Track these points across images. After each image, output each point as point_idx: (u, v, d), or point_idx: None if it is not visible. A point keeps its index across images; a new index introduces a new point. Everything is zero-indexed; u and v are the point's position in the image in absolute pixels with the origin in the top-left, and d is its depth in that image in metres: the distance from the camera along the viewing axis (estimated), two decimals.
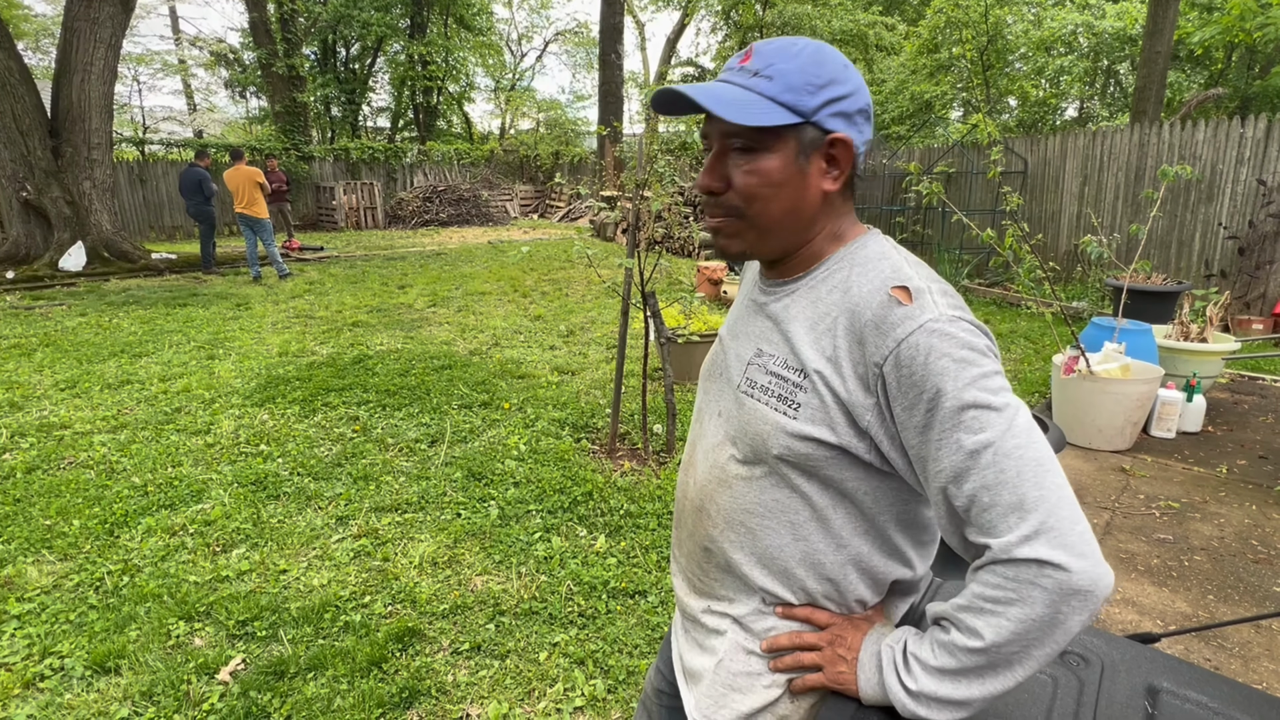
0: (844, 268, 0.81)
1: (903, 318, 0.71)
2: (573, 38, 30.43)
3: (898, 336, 0.70)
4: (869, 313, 0.74)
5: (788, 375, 0.80)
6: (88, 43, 9.17)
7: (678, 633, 1.03)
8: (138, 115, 23.72)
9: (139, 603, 2.32)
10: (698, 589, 0.95)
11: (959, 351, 0.68)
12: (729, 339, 0.95)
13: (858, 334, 0.74)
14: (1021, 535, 0.64)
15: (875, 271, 0.78)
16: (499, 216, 18.44)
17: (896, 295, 0.73)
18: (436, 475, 3.30)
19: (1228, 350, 4.23)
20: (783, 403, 0.79)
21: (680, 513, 0.99)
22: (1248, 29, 8.71)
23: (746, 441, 0.84)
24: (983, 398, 0.67)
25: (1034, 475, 0.65)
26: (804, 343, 0.80)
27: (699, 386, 1.02)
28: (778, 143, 0.78)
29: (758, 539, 0.85)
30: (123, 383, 4.63)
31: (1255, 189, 6.77)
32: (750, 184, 0.79)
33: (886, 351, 0.71)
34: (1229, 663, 2.08)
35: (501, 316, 6.82)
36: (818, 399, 0.77)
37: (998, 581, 0.65)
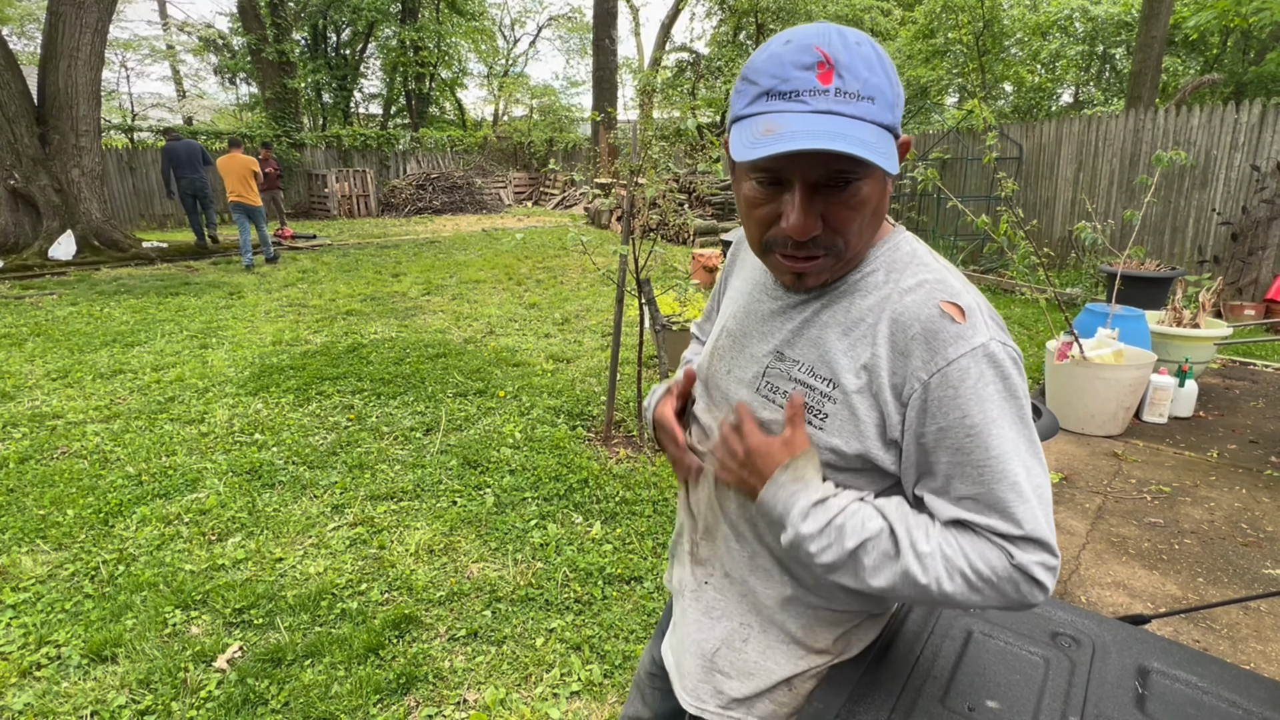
0: (879, 270, 0.78)
1: (955, 337, 0.69)
2: (566, 23, 30.17)
3: (949, 355, 0.69)
4: (917, 325, 0.71)
5: (815, 384, 0.77)
6: (73, 28, 9.03)
7: (674, 610, 1.02)
8: (126, 102, 23.45)
9: (135, 591, 2.32)
10: (699, 558, 0.94)
11: (1005, 384, 0.70)
12: (739, 334, 0.89)
13: (902, 345, 0.72)
14: (1040, 561, 0.69)
15: (916, 278, 0.75)
16: (493, 204, 18.33)
17: (949, 311, 0.71)
18: (432, 463, 3.30)
19: (1220, 336, 4.25)
20: (809, 412, 0.77)
21: (700, 473, 0.94)
22: (1243, 14, 8.69)
23: None
24: (1021, 441, 0.70)
25: (1047, 509, 0.71)
26: (837, 349, 0.76)
27: (699, 381, 0.95)
28: (873, 168, 0.68)
29: (769, 534, 0.84)
30: (115, 372, 4.60)
31: (1249, 175, 6.78)
32: (852, 219, 0.71)
33: (935, 368, 0.69)
34: (1217, 644, 2.10)
35: (496, 304, 6.80)
36: (847, 409, 0.75)
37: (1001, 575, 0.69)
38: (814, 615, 0.86)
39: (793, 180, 0.69)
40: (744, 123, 0.69)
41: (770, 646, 0.88)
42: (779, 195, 0.71)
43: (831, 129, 0.64)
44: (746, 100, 0.69)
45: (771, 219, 0.72)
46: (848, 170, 0.67)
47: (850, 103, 0.65)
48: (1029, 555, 0.69)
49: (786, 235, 0.71)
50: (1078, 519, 2.86)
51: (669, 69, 22.17)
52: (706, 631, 0.92)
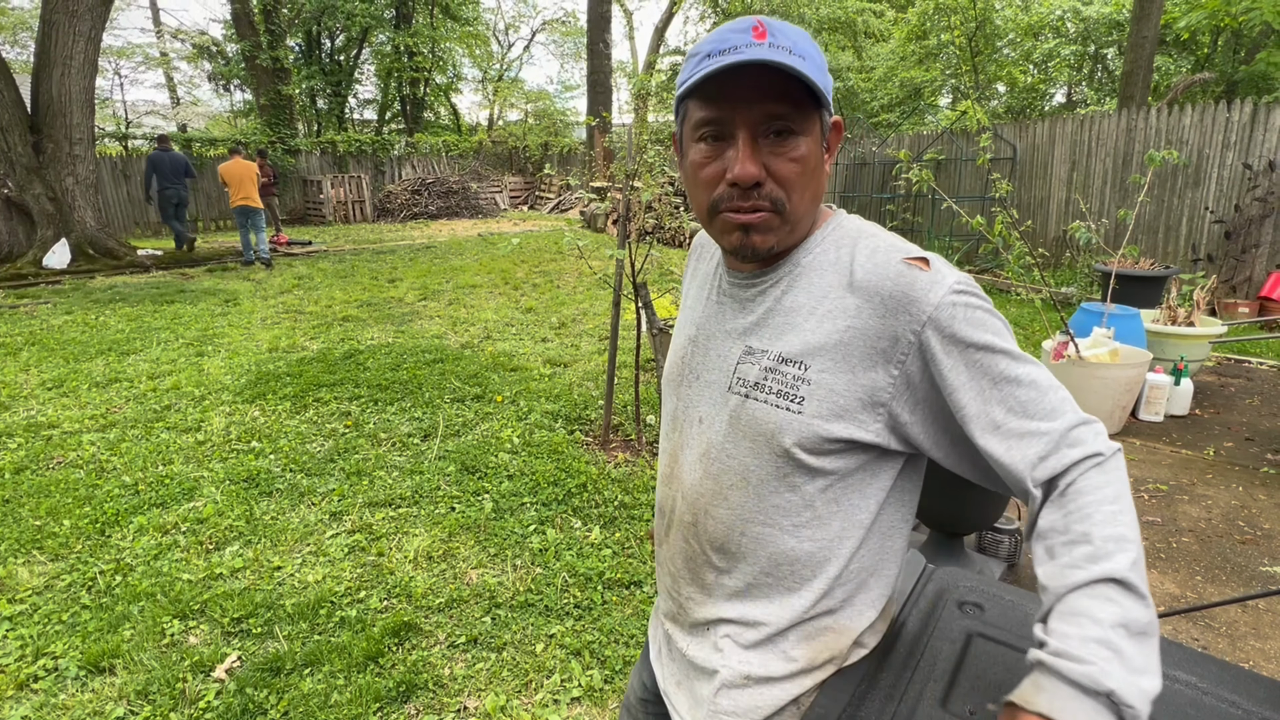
0: (830, 247, 0.80)
1: (930, 283, 0.72)
2: (560, 27, 30.20)
3: (933, 301, 0.71)
4: (889, 284, 0.73)
5: (787, 370, 0.77)
6: (67, 36, 9.02)
7: (663, 650, 0.97)
8: (120, 109, 23.40)
9: (132, 602, 2.31)
10: (686, 607, 0.90)
11: (986, 306, 0.73)
12: (702, 339, 0.89)
13: (880, 307, 0.73)
14: (1097, 432, 0.70)
15: (870, 245, 0.77)
16: (488, 208, 18.34)
17: (915, 264, 0.73)
18: (430, 469, 3.29)
19: (1214, 334, 4.26)
20: (784, 398, 0.76)
21: (666, 529, 0.92)
22: (1233, 13, 8.74)
23: (746, 445, 0.80)
24: (1014, 346, 0.73)
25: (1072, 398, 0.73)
26: (805, 330, 0.77)
27: (666, 393, 0.94)
28: (811, 126, 0.75)
29: (761, 547, 0.81)
30: (111, 381, 4.59)
31: (1241, 173, 6.81)
32: (793, 171, 0.74)
33: (925, 317, 0.71)
34: (1216, 641, 2.11)
35: (493, 309, 6.80)
36: (824, 387, 0.75)
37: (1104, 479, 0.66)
38: (813, 636, 0.84)
39: (735, 131, 0.73)
40: (687, 83, 0.74)
41: (772, 677, 0.84)
42: (723, 152, 0.75)
43: (768, 57, 0.69)
44: (690, 69, 0.74)
45: (718, 177, 0.75)
46: (786, 117, 0.72)
47: (784, 54, 0.70)
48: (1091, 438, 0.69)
49: (733, 182, 0.74)
50: None
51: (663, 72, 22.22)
52: (704, 680, 0.87)
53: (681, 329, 0.94)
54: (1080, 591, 0.60)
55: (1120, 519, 0.63)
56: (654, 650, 1.00)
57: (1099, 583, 0.60)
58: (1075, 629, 0.59)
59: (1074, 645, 0.58)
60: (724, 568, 0.84)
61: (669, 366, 0.94)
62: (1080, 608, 0.60)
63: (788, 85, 0.71)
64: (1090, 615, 0.59)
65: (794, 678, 0.83)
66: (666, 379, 0.94)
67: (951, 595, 1.03)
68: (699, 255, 1.00)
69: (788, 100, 0.72)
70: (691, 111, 0.76)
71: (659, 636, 0.99)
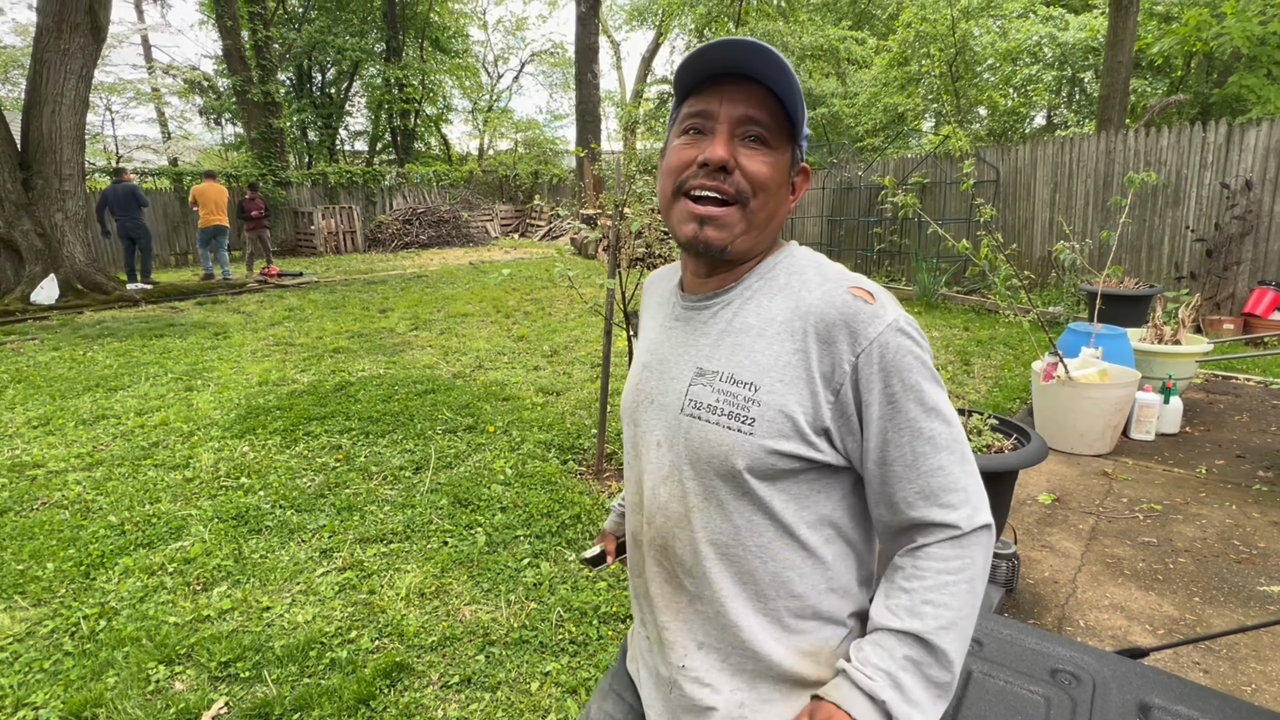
0: (780, 274, 0.84)
1: (872, 316, 0.76)
2: (549, 58, 30.70)
3: (870, 334, 0.75)
4: (834, 312, 0.76)
5: (738, 391, 0.78)
6: (58, 74, 9.09)
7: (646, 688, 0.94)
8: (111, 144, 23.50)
9: (116, 647, 2.26)
10: (665, 638, 0.88)
11: (920, 353, 0.77)
12: (655, 364, 0.90)
13: (824, 333, 0.77)
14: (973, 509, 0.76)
15: (821, 274, 0.82)
16: (479, 237, 18.43)
17: (860, 295, 0.77)
18: (422, 503, 3.26)
19: (1201, 352, 4.31)
20: (735, 420, 0.77)
21: (639, 561, 0.91)
22: (1204, 38, 8.97)
23: (702, 465, 0.80)
24: (941, 397, 0.77)
25: (973, 466, 0.78)
26: (755, 352, 0.79)
27: (625, 422, 0.95)
28: (783, 148, 0.81)
29: (731, 566, 0.81)
30: (98, 418, 4.54)
31: (1219, 192, 6.95)
32: (763, 173, 0.79)
33: (861, 347, 0.75)
34: (1217, 665, 2.09)
35: (484, 338, 6.79)
36: (773, 409, 0.76)
37: (953, 553, 0.75)
38: (799, 654, 0.83)
39: (716, 125, 0.79)
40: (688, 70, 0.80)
41: (767, 700, 0.83)
42: (700, 143, 0.80)
43: (763, 44, 0.75)
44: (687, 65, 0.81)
45: (689, 161, 0.80)
46: (764, 125, 0.78)
47: (777, 56, 0.76)
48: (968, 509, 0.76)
49: (704, 162, 0.78)
50: (1072, 540, 2.86)
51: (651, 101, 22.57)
52: (698, 716, 0.86)
53: (637, 358, 0.97)
54: (888, 632, 0.75)
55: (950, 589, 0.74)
56: (644, 690, 0.96)
57: (904, 633, 0.74)
58: (874, 656, 0.74)
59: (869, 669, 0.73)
60: (696, 592, 0.84)
61: (626, 395, 0.96)
62: (883, 643, 0.75)
63: (769, 101, 0.78)
64: (889, 650, 0.74)
65: (786, 699, 0.82)
66: (624, 408, 0.95)
67: None
68: (651, 291, 1.03)
69: (767, 110, 0.78)
70: (682, 113, 0.83)
71: (642, 676, 0.96)
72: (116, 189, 10.20)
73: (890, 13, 18.33)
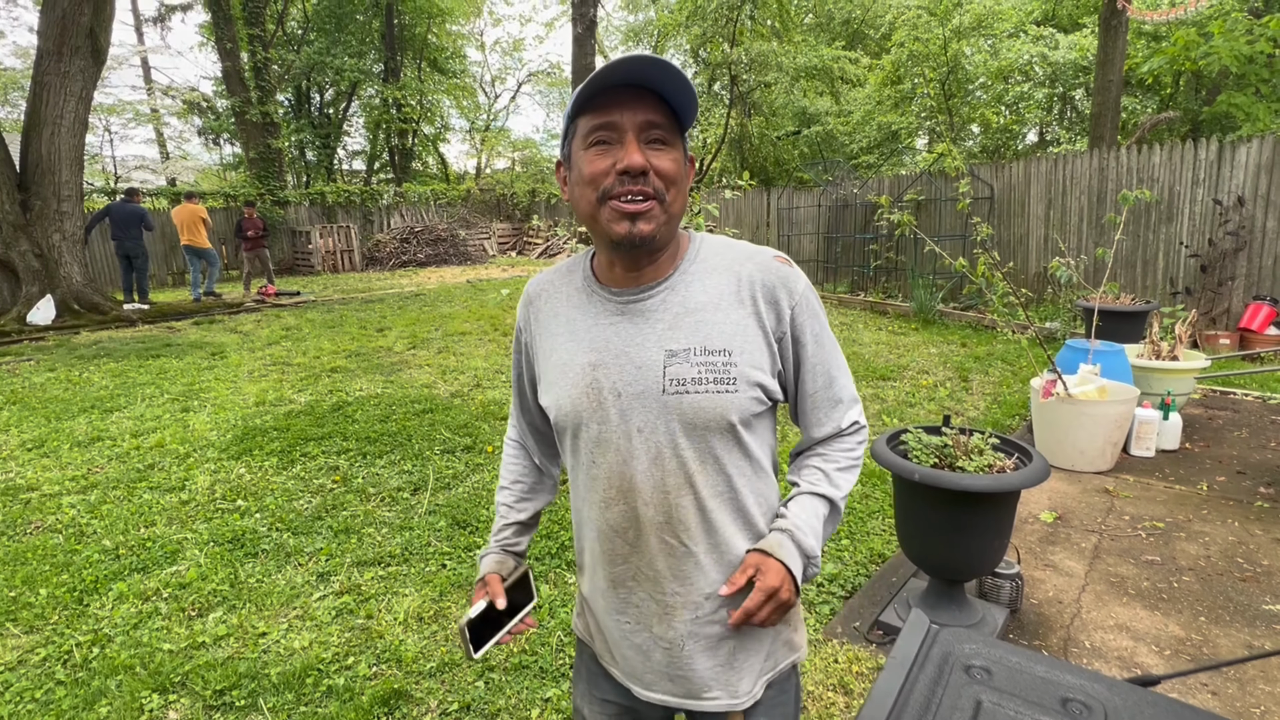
0: (709, 255, 0.98)
1: (795, 275, 0.97)
2: (545, 78, 31.00)
3: (799, 288, 0.96)
4: (773, 277, 0.95)
5: (715, 359, 0.91)
6: (58, 96, 9.14)
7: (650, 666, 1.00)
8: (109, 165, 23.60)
9: (109, 676, 2.22)
10: (672, 605, 0.97)
11: (818, 297, 1.01)
12: (609, 361, 0.94)
13: (768, 294, 0.94)
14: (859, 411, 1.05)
15: (744, 251, 0.98)
16: (477, 255, 18.48)
17: (782, 261, 0.98)
18: (420, 525, 3.23)
19: (1199, 367, 4.31)
20: (720, 384, 0.90)
21: (633, 543, 0.96)
22: (1192, 58, 9.10)
23: (699, 431, 0.92)
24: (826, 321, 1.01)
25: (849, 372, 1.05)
26: (716, 322, 0.92)
27: (583, 422, 0.95)
28: (679, 143, 0.92)
29: (730, 508, 0.96)
30: (93, 440, 4.51)
31: (1212, 208, 7.00)
32: (673, 170, 0.89)
33: (796, 299, 0.96)
34: (1225, 686, 2.07)
35: (483, 356, 6.78)
36: (747, 365, 0.92)
37: (855, 442, 1.04)
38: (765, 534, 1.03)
39: (623, 134, 0.87)
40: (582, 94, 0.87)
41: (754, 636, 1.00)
42: (611, 153, 0.87)
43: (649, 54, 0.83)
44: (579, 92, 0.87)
45: (607, 170, 0.87)
46: (662, 127, 0.88)
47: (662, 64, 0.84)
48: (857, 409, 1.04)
49: (623, 171, 0.86)
50: (1075, 559, 2.84)
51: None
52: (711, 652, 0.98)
53: (570, 360, 0.97)
54: (812, 496, 1.00)
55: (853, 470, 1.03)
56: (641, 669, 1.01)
57: (824, 497, 1.00)
58: (802, 517, 0.97)
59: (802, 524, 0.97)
60: (702, 545, 0.96)
61: (571, 400, 0.96)
62: (807, 505, 0.99)
63: (662, 105, 0.88)
64: (810, 509, 0.98)
65: None
66: (573, 411, 0.96)
67: (958, 659, 1.01)
68: (546, 297, 1.05)
69: (663, 114, 0.88)
70: (581, 127, 0.90)
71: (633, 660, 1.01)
72: (123, 207, 10.24)
73: (883, 32, 18.58)
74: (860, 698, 2.05)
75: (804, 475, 1.03)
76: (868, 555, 2.95)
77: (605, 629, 1.04)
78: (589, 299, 0.99)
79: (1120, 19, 9.28)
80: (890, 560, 2.89)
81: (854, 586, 2.72)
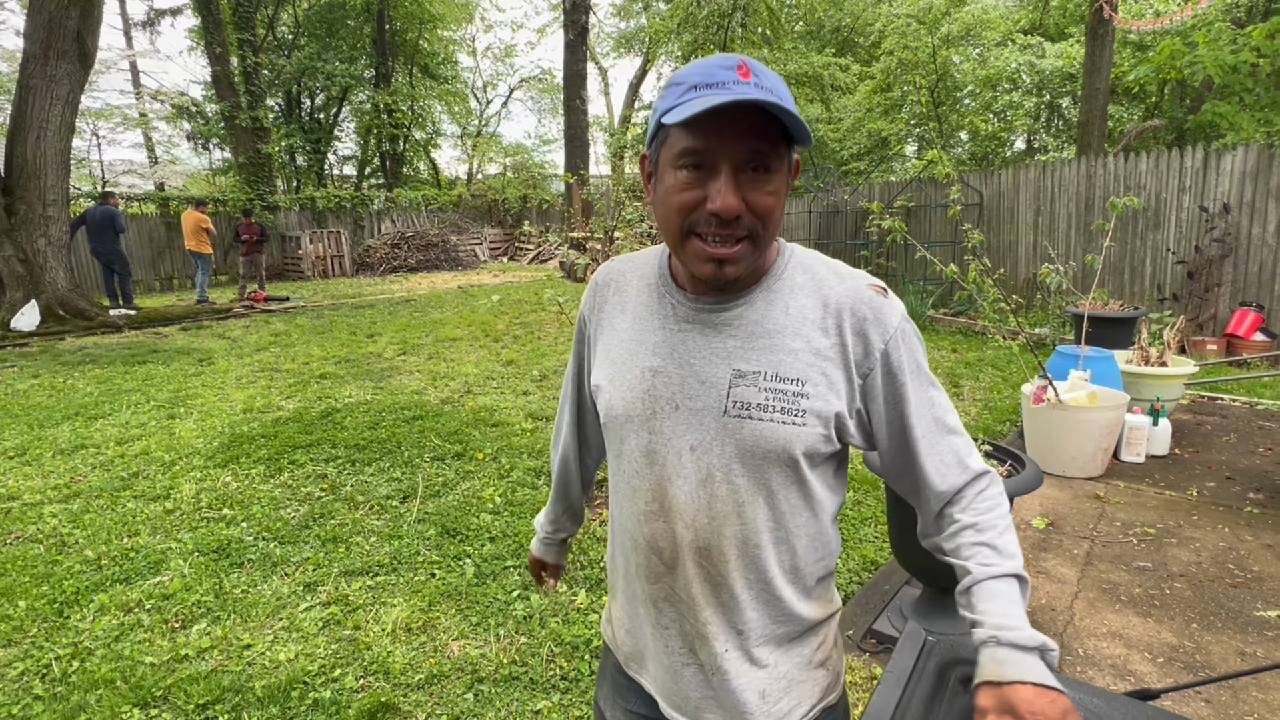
0: (795, 273, 0.88)
1: (890, 310, 0.86)
2: (537, 84, 31.02)
3: (894, 323, 0.85)
4: (865, 309, 0.85)
5: (786, 388, 0.83)
6: (44, 99, 9.06)
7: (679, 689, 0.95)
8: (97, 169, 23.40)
9: (89, 690, 2.17)
10: (707, 634, 0.90)
11: (918, 334, 0.90)
12: (672, 369, 0.88)
13: (856, 325, 0.84)
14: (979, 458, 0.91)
15: (835, 272, 0.89)
16: (468, 260, 18.44)
17: (877, 291, 0.87)
18: (409, 533, 3.19)
19: (1187, 373, 4.34)
20: (788, 414, 0.82)
21: (671, 563, 0.91)
22: (1178, 67, 9.21)
23: (757, 460, 0.84)
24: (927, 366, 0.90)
25: None
26: (794, 348, 0.84)
27: (630, 429, 0.91)
28: (784, 163, 0.81)
29: (780, 550, 0.88)
30: (77, 447, 4.44)
31: (1198, 215, 7.07)
32: (769, 205, 0.79)
33: (889, 335, 0.84)
34: (1219, 693, 2.07)
35: (473, 363, 6.74)
36: (821, 399, 0.83)
37: (996, 492, 0.89)
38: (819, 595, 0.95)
39: (719, 164, 0.77)
40: (675, 110, 0.76)
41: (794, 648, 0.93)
42: (703, 182, 0.78)
43: (758, 97, 0.73)
44: (675, 96, 0.77)
45: (695, 204, 0.78)
46: (766, 154, 0.77)
47: (768, 94, 0.74)
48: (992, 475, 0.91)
49: (713, 214, 0.77)
50: (1067, 566, 2.84)
51: (639, 126, 22.81)
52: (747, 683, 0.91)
53: (631, 362, 0.92)
54: (996, 579, 0.81)
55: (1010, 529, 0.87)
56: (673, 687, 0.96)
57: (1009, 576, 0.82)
58: (999, 606, 0.79)
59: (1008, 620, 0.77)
60: (741, 581, 0.89)
61: (625, 403, 0.91)
62: (999, 594, 0.80)
63: (768, 125, 0.76)
64: (1005, 596, 0.80)
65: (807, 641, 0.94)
66: (625, 416, 0.91)
67: (954, 672, 0.99)
68: (616, 288, 0.99)
69: (768, 139, 0.77)
70: (674, 139, 0.79)
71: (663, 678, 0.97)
72: (95, 212, 10.19)
73: (873, 40, 18.71)
74: (854, 707, 2.03)
75: (967, 557, 0.85)
76: (860, 563, 2.93)
77: (640, 639, 1.00)
78: (660, 299, 0.92)
79: (1107, 28, 9.38)
80: (883, 568, 2.88)
81: (847, 594, 2.70)
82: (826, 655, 0.97)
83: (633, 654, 1.02)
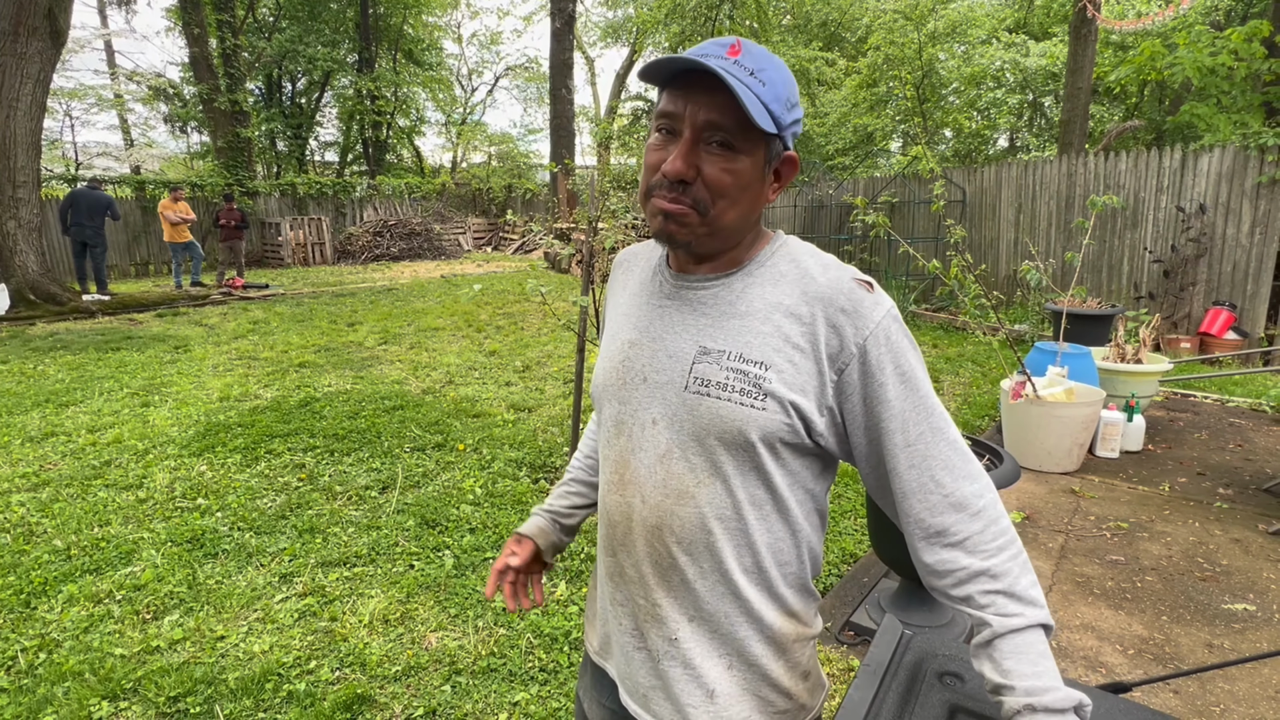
0: (781, 260, 0.87)
1: (874, 305, 0.81)
2: (523, 73, 30.73)
3: (875, 319, 0.80)
4: (843, 299, 0.81)
5: (749, 370, 0.81)
6: (14, 78, 8.81)
7: (630, 672, 0.94)
8: (70, 151, 22.86)
9: (56, 683, 2.13)
10: (658, 614, 0.89)
11: (908, 334, 0.83)
12: (646, 342, 0.89)
13: (832, 316, 0.81)
14: (988, 480, 0.83)
15: (820, 263, 0.86)
16: (452, 250, 18.27)
17: (861, 285, 0.83)
18: (388, 524, 3.16)
19: (1162, 370, 4.41)
20: (747, 396, 0.80)
21: (624, 536, 0.90)
22: (1158, 68, 9.32)
23: (711, 441, 0.82)
24: (926, 378, 0.83)
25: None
26: (765, 333, 0.82)
27: (604, 399, 0.93)
28: (755, 148, 0.80)
29: (732, 539, 0.85)
30: (46, 435, 4.34)
31: (1175, 215, 7.18)
32: (725, 182, 0.79)
33: (867, 332, 0.80)
34: (1186, 685, 2.11)
35: (455, 353, 6.69)
36: (785, 385, 0.80)
37: (1004, 524, 0.80)
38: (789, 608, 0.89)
39: (683, 130, 0.78)
40: (659, 71, 0.79)
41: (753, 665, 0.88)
42: (668, 145, 0.80)
43: (715, 67, 0.73)
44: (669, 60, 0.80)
45: (658, 165, 0.81)
46: (728, 131, 0.77)
47: (744, 74, 0.75)
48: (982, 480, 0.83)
49: (663, 175, 0.80)
50: (1042, 559, 2.88)
51: (625, 117, 22.70)
52: (692, 686, 0.88)
53: (616, 335, 0.95)
54: (1016, 633, 0.75)
55: (1024, 561, 0.79)
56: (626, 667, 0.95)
57: (1035, 626, 0.75)
58: (1029, 666, 0.72)
59: (1040, 680, 0.71)
60: (693, 566, 0.86)
61: (604, 373, 0.94)
62: (1024, 649, 0.74)
63: (736, 103, 0.75)
64: (1033, 651, 0.73)
65: (774, 660, 0.88)
66: (603, 386, 0.94)
67: (931, 666, 1.00)
68: (626, 268, 1.03)
69: (733, 116, 0.76)
70: (659, 104, 0.82)
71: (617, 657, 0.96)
72: (88, 193, 9.99)
73: (859, 36, 18.74)
74: (831, 698, 2.04)
75: (982, 606, 0.77)
76: (839, 555, 2.95)
77: (606, 621, 0.99)
78: (653, 277, 0.95)
79: (1090, 28, 9.47)
80: (861, 560, 2.90)
81: (825, 587, 2.72)
82: (796, 682, 0.91)
83: (603, 640, 1.02)
